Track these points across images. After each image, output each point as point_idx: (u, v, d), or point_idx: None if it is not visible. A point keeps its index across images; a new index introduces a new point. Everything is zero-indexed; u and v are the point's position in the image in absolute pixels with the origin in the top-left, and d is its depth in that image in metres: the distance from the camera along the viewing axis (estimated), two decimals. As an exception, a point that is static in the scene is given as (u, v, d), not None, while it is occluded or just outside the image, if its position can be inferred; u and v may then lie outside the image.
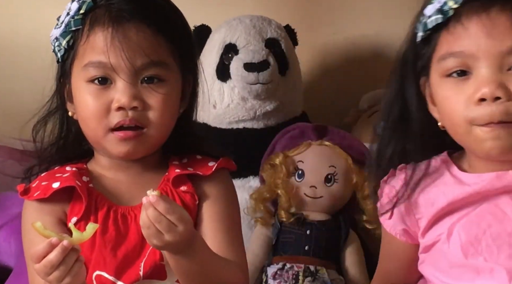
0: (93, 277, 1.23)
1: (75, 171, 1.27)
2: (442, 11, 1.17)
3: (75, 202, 1.25)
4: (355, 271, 1.65)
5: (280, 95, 1.84)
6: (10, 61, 2.02)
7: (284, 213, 1.64)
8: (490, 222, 1.20)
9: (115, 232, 1.24)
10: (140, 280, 1.23)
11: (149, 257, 1.22)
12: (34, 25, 1.97)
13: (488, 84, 1.13)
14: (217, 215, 1.28)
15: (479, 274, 1.20)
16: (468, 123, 1.16)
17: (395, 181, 1.28)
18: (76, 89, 1.24)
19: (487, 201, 1.21)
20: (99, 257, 1.22)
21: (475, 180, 1.21)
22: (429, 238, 1.26)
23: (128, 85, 1.21)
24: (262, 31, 1.85)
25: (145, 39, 1.21)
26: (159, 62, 1.22)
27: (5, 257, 1.71)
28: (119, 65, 1.20)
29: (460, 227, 1.21)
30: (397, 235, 1.28)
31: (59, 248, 1.09)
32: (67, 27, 1.23)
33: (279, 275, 1.61)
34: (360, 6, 2.11)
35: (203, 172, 1.28)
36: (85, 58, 1.21)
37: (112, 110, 1.21)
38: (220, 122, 1.85)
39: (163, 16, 1.25)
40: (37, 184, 1.26)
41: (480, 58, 1.14)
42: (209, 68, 1.83)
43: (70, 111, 1.27)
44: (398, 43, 2.09)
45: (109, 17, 1.21)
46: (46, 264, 1.09)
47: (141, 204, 1.22)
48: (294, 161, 1.68)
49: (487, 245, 1.19)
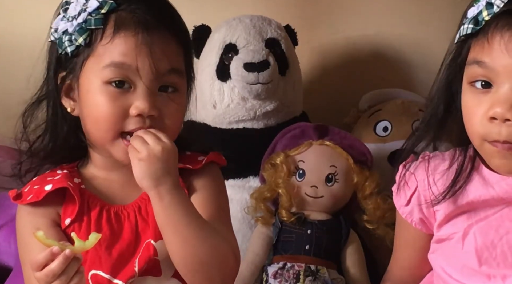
0: (88, 276, 1.24)
1: (66, 173, 1.28)
2: (476, 21, 1.19)
3: (68, 204, 1.26)
4: (355, 271, 1.64)
5: (280, 95, 1.83)
6: (9, 61, 2.02)
7: (284, 212, 1.64)
8: (508, 229, 1.22)
9: (109, 231, 1.25)
10: (136, 276, 1.24)
11: (143, 253, 1.23)
12: (33, 25, 1.87)
13: (502, 104, 1.14)
14: (205, 201, 1.29)
15: (490, 279, 1.22)
16: (480, 137, 1.18)
17: (417, 169, 1.30)
18: (87, 88, 1.23)
19: (509, 207, 1.22)
20: (94, 256, 1.23)
21: (500, 183, 1.22)
22: (444, 232, 1.28)
23: (149, 93, 1.21)
24: (262, 31, 1.84)
25: (168, 47, 1.23)
26: (178, 69, 1.25)
27: (5, 256, 1.71)
28: (144, 69, 1.21)
29: (478, 229, 1.23)
30: (413, 223, 1.31)
31: (61, 258, 1.09)
32: (86, 24, 1.22)
33: (279, 274, 1.60)
34: (360, 7, 2.11)
35: (193, 166, 1.30)
36: (105, 59, 1.21)
37: (129, 115, 1.22)
38: (220, 122, 1.84)
39: (179, 26, 1.28)
40: (29, 188, 1.26)
41: (500, 74, 1.15)
42: (209, 68, 1.82)
43: (69, 107, 1.27)
44: (398, 43, 2.18)
45: (137, 22, 1.21)
46: (48, 274, 1.09)
47: (134, 203, 1.29)
48: (295, 161, 1.68)
49: (502, 251, 1.22)
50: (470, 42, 1.20)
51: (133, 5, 1.23)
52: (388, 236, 1.61)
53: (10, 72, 2.00)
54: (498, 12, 1.16)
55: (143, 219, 1.26)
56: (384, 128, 1.90)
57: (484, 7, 1.17)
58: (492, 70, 1.16)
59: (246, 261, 1.61)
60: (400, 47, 2.10)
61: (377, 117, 1.93)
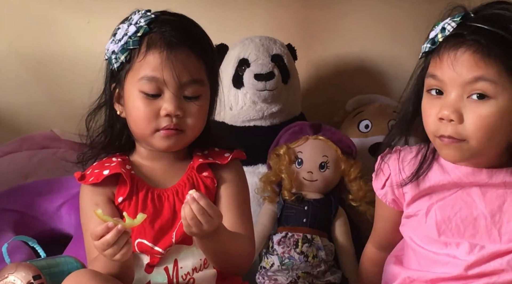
0: (135, 243, 1.26)
1: (120, 161, 1.30)
2: (433, 41, 1.21)
3: (121, 185, 1.28)
4: (342, 239, 1.67)
5: (283, 99, 1.85)
6: (74, 73, 2.02)
7: (286, 192, 1.67)
8: (461, 206, 1.24)
9: (153, 209, 1.27)
10: (173, 245, 1.27)
11: (179, 228, 1.25)
12: (87, 43, 2.00)
13: (447, 108, 1.17)
14: (231, 195, 1.31)
15: (447, 246, 1.24)
16: (432, 133, 1.21)
17: (389, 159, 1.31)
18: (128, 95, 1.27)
19: (462, 189, 1.24)
20: (140, 228, 1.25)
21: (454, 170, 1.24)
22: (411, 210, 1.29)
23: (174, 97, 1.24)
24: (269, 49, 1.85)
25: (189, 61, 1.25)
26: (198, 80, 1.26)
27: (67, 226, 1.73)
28: (169, 80, 1.23)
29: (437, 207, 1.25)
30: (387, 202, 1.32)
31: (115, 231, 1.11)
32: (126, 45, 1.25)
33: (282, 241, 1.62)
34: (346, 30, 2.09)
35: (221, 161, 1.32)
36: (140, 72, 1.24)
37: (160, 116, 1.24)
38: (235, 121, 1.86)
39: (201, 43, 1.29)
40: (91, 171, 1.30)
41: (448, 85, 1.18)
42: (226, 78, 1.84)
43: (118, 111, 1.30)
44: (379, 58, 2.24)
45: (164, 42, 1.23)
46: (104, 242, 1.12)
47: (172, 187, 1.29)
48: (295, 152, 1.70)
49: (456, 224, 1.23)
50: (429, 58, 1.22)
51: (163, 28, 1.25)
52: (369, 211, 1.65)
53: (74, 82, 2.00)
54: (447, 35, 1.18)
55: (180, 200, 1.27)
56: (365, 126, 1.91)
57: (439, 31, 1.20)
58: (441, 81, 1.18)
59: (256, 231, 1.54)
60: (378, 62, 2.12)
61: (360, 117, 1.94)
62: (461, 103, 1.16)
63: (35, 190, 1.73)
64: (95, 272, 1.17)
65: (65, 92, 2.05)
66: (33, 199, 1.72)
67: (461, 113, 1.16)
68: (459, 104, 1.16)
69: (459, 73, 1.16)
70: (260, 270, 1.62)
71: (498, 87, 1.14)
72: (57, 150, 1.84)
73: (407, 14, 2.07)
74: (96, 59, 1.32)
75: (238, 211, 1.30)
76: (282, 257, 1.60)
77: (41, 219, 1.72)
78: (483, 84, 1.14)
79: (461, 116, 1.16)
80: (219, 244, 1.22)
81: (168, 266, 1.26)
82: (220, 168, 1.32)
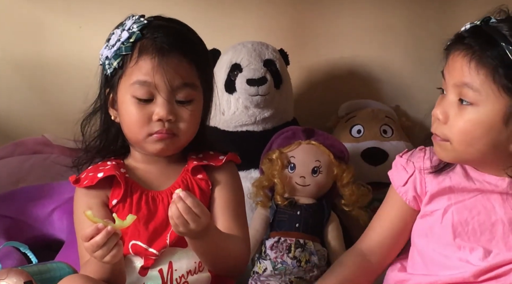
0: (129, 245, 1.27)
1: (115, 164, 1.31)
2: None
3: (115, 188, 1.29)
4: (335, 243, 1.66)
5: (275, 104, 1.85)
6: (61, 76, 2.03)
7: (279, 197, 1.66)
8: (480, 211, 1.23)
9: (147, 211, 1.28)
10: (167, 247, 1.27)
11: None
12: (79, 48, 2.00)
13: (438, 107, 1.19)
14: (226, 197, 1.32)
15: (460, 250, 1.24)
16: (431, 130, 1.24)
17: (415, 157, 1.30)
18: (122, 100, 1.28)
19: (482, 194, 1.24)
20: (134, 230, 1.26)
21: (479, 178, 1.24)
22: (428, 209, 1.29)
23: (166, 102, 1.24)
24: (261, 54, 1.86)
25: (181, 66, 1.25)
26: (190, 83, 1.27)
27: (59, 232, 1.73)
28: (160, 85, 1.24)
29: (455, 209, 1.25)
30: (407, 200, 1.31)
31: (104, 232, 1.12)
32: (119, 51, 1.25)
33: (275, 246, 1.61)
34: (338, 35, 2.10)
35: (215, 163, 1.32)
36: (132, 77, 1.25)
37: (153, 120, 1.25)
38: (227, 126, 1.86)
39: (194, 48, 1.29)
40: (85, 175, 1.30)
41: (447, 85, 1.19)
42: (219, 83, 1.84)
43: (112, 116, 1.31)
44: (371, 63, 2.17)
45: (155, 48, 1.24)
46: (93, 244, 1.13)
47: (167, 189, 1.29)
48: (287, 156, 1.69)
49: (473, 228, 1.23)
50: None
51: (155, 34, 1.25)
52: (361, 216, 1.66)
53: (66, 87, 2.02)
54: (458, 36, 1.20)
55: None
56: (357, 131, 1.91)
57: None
58: (444, 81, 1.21)
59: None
60: (370, 67, 2.12)
61: (352, 122, 1.95)
62: (452, 105, 1.18)
63: (27, 196, 1.74)
64: (87, 277, 1.17)
65: (57, 98, 2.06)
66: (24, 204, 1.73)
67: (448, 114, 1.18)
68: (450, 105, 1.18)
69: (452, 75, 1.18)
70: (252, 275, 1.61)
71: (481, 96, 1.15)
72: (49, 155, 1.84)
73: (399, 19, 2.08)
74: (88, 65, 1.32)
75: (233, 213, 1.31)
76: (274, 262, 1.60)
77: (32, 224, 1.72)
78: (467, 90, 1.16)
79: (447, 116, 1.18)
80: (212, 245, 1.22)
81: (163, 268, 1.27)
82: (214, 171, 1.32)
